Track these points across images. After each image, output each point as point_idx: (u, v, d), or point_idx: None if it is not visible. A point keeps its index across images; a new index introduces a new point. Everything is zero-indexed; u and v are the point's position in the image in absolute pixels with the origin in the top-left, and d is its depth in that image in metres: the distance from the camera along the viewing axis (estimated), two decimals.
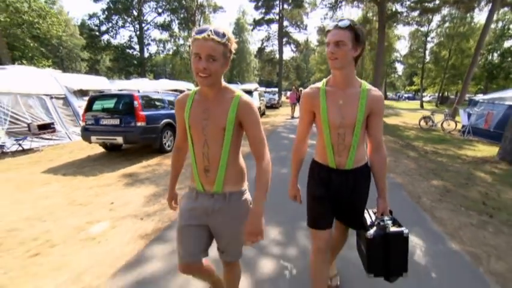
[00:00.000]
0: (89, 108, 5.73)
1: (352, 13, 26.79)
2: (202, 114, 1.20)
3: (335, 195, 1.46)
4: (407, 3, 14.76)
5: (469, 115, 11.19)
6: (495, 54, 30.23)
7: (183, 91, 2.44)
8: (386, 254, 1.37)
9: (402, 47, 38.50)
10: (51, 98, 7.46)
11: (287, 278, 2.04)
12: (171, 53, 29.58)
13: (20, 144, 6.08)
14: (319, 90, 1.40)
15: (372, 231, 1.37)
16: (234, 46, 1.14)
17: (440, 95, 38.42)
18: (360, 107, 1.33)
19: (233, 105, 1.18)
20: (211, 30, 1.05)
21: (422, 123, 12.62)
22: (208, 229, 1.31)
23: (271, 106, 21.70)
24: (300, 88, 16.95)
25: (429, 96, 48.67)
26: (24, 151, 6.22)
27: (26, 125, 6.43)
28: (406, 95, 55.71)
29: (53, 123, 6.88)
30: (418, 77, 40.20)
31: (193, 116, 1.21)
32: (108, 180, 4.38)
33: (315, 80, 49.04)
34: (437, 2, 14.89)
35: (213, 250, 1.38)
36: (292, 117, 14.13)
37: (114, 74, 29.18)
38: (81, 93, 8.50)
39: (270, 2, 33.21)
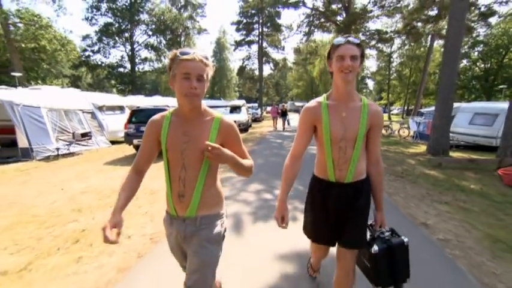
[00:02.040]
0: (130, 119, 7.53)
1: (324, 37, 30.19)
2: (182, 137, 1.16)
3: (335, 209, 1.43)
4: (367, 33, 17.95)
5: (418, 124, 14.03)
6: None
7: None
8: (392, 265, 1.37)
9: (372, 64, 42.65)
10: (83, 112, 9.08)
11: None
12: (159, 70, 31.19)
13: (68, 148, 7.67)
14: (320, 104, 1.39)
15: (375, 246, 1.35)
16: (212, 68, 1.17)
17: (406, 108, 42.85)
18: (361, 121, 1.34)
19: (214, 127, 1.18)
20: (195, 52, 1.09)
21: (383, 131, 15.36)
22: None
23: (255, 120, 23.92)
24: (282, 104, 19.15)
25: (397, 109, 53.42)
26: (70, 154, 7.79)
27: (70, 134, 8.03)
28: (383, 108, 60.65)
29: (90, 132, 8.51)
30: (386, 92, 44.70)
31: (172, 139, 1.17)
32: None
33: (293, 95, 52.45)
34: (391, 34, 18.18)
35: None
36: (275, 129, 15.78)
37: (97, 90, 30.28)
38: (104, 108, 10.19)
39: (250, 26, 36.31)
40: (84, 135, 8.16)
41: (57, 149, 7.35)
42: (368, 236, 1.45)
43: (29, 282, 2.10)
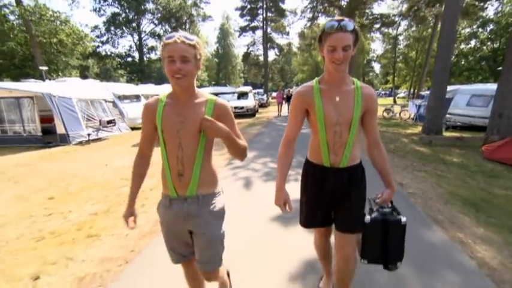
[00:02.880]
0: None
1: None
2: (177, 117, 1.20)
3: (330, 195, 1.42)
4: (371, 17, 18.18)
5: (418, 106, 14.57)
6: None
7: None
8: (385, 241, 1.35)
9: (378, 47, 42.22)
10: (106, 101, 10.01)
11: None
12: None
13: (97, 134, 8.66)
14: (313, 88, 1.36)
15: (368, 216, 1.35)
16: (202, 50, 1.19)
17: (412, 91, 42.73)
18: (356, 104, 1.32)
19: (209, 107, 1.23)
20: (180, 35, 1.11)
21: (385, 114, 15.94)
22: (190, 233, 1.32)
23: (261, 105, 24.60)
24: (288, 89, 19.59)
25: (403, 93, 53.02)
26: (98, 139, 8.79)
27: (96, 121, 9.00)
28: (383, 92, 60.22)
29: (114, 119, 9.46)
30: (392, 76, 44.51)
31: (167, 120, 1.20)
32: None
33: (298, 80, 52.54)
34: (395, 17, 18.36)
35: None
36: (279, 115, 15.94)
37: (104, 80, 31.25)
38: (123, 97, 11.10)
39: (254, 11, 36.20)
40: (109, 122, 9.12)
41: (88, 134, 8.34)
42: (367, 209, 1.44)
43: (114, 218, 3.07)
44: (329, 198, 1.43)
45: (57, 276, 2.09)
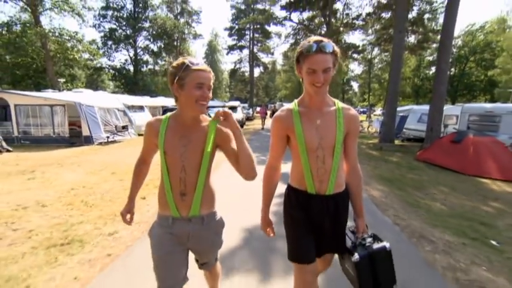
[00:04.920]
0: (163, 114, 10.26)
1: None
2: (180, 140, 1.21)
3: (315, 223, 1.33)
4: (344, 46, 21.19)
5: (382, 122, 17.23)
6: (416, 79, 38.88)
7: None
8: (374, 272, 1.32)
9: (356, 67, 46.04)
10: (118, 110, 11.70)
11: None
12: (155, 72, 33.42)
13: (113, 137, 10.32)
14: (292, 112, 1.30)
15: (356, 254, 1.30)
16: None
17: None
18: (338, 126, 1.26)
19: (211, 130, 1.24)
20: (204, 63, 1.17)
21: None
22: (187, 251, 1.33)
23: (248, 118, 26.79)
24: (273, 105, 21.87)
25: (380, 110, 57.11)
26: (113, 141, 10.43)
27: (112, 126, 10.66)
28: (361, 110, 64.54)
29: (127, 125, 11.14)
30: (367, 95, 48.53)
31: (170, 143, 1.21)
32: None
33: (281, 96, 55.64)
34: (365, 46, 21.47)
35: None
36: (263, 129, 17.06)
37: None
38: (135, 108, 12.84)
39: (242, 31, 39.22)
40: (123, 127, 10.81)
41: (107, 137, 9.99)
42: (350, 244, 1.38)
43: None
44: (314, 226, 1.34)
45: (151, 199, 3.91)
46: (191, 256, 1.37)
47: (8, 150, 6.19)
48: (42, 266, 2.20)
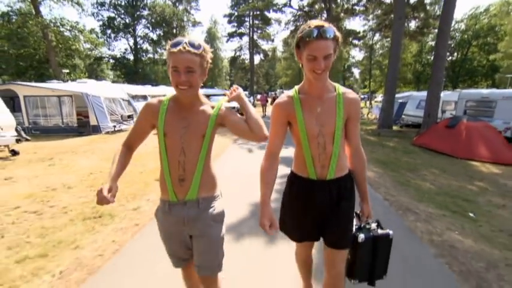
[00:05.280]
0: None
1: None
2: (180, 121, 1.19)
3: (319, 209, 1.33)
4: (345, 32, 21.09)
5: (381, 109, 17.48)
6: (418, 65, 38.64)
7: None
8: (373, 257, 1.35)
9: (357, 53, 45.66)
10: (123, 100, 11.99)
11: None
12: (154, 60, 33.28)
13: (120, 126, 10.67)
14: (292, 99, 1.28)
15: (361, 235, 1.31)
16: (209, 55, 1.16)
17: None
18: (338, 113, 1.25)
19: (213, 112, 1.23)
20: (186, 42, 1.06)
21: None
22: (191, 236, 1.30)
23: None
24: (274, 92, 22.07)
25: (380, 97, 56.91)
26: (119, 130, 10.79)
27: (117, 116, 10.98)
28: (362, 96, 64.37)
29: (132, 114, 11.47)
30: (368, 81, 48.28)
31: (170, 124, 1.19)
32: None
33: (282, 83, 55.46)
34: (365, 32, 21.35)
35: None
36: (264, 115, 17.22)
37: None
38: (138, 97, 13.11)
39: (241, 18, 38.69)
40: (129, 116, 11.14)
41: (114, 126, 10.34)
42: (354, 226, 1.38)
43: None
44: (317, 212, 1.33)
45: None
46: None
47: (26, 140, 6.56)
48: (83, 233, 2.62)
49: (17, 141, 6.03)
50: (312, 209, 1.33)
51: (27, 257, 2.21)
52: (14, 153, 6.06)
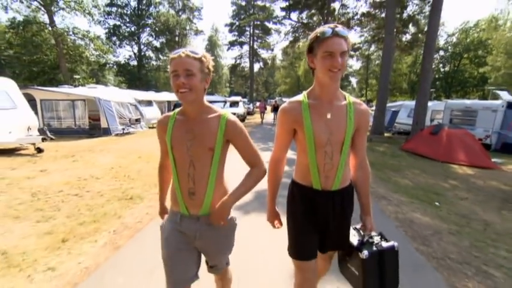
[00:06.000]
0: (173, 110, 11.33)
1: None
2: (186, 134, 1.19)
3: (321, 220, 1.30)
4: None
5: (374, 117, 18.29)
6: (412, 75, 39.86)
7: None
8: (381, 271, 1.30)
9: (354, 63, 46.91)
10: (131, 104, 12.71)
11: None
12: (156, 68, 34.22)
13: (128, 129, 11.37)
14: (300, 104, 1.24)
15: (365, 251, 1.26)
16: (211, 63, 1.18)
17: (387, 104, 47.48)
18: (348, 122, 1.21)
19: (221, 126, 1.20)
20: (185, 50, 1.11)
21: None
22: (197, 251, 1.29)
23: (248, 113, 27.83)
24: (275, 100, 22.66)
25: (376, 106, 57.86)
26: (127, 133, 11.48)
27: (125, 119, 11.69)
28: None
29: (140, 118, 12.17)
30: (365, 90, 49.47)
31: (176, 137, 1.20)
32: None
33: (281, 91, 56.57)
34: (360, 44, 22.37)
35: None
36: (262, 123, 17.66)
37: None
38: (144, 102, 13.84)
39: (242, 28, 39.92)
40: (136, 120, 11.85)
41: (123, 129, 11.04)
42: (356, 241, 1.34)
43: None
44: (320, 223, 1.30)
45: None
46: (203, 257, 1.34)
47: (51, 139, 7.23)
48: (121, 208, 3.30)
49: (43, 140, 6.70)
50: (315, 217, 1.30)
51: (85, 222, 2.89)
52: (39, 150, 6.73)
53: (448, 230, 3.01)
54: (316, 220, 1.30)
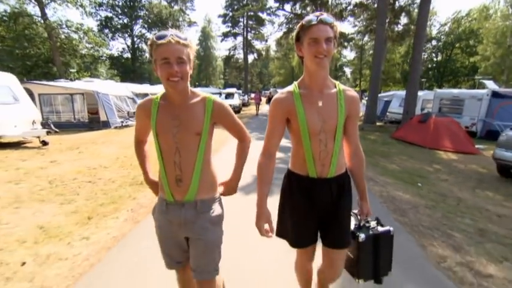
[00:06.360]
0: None
1: None
2: (172, 121, 1.15)
3: (319, 208, 1.31)
4: None
5: (367, 106, 18.73)
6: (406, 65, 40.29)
7: None
8: (376, 255, 1.35)
9: (348, 53, 47.03)
10: (128, 97, 12.88)
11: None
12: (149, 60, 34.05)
13: (127, 122, 11.59)
14: (292, 94, 1.25)
15: (362, 234, 1.31)
16: (195, 48, 1.15)
17: (380, 93, 47.91)
18: (339, 109, 1.24)
19: (207, 109, 1.18)
20: (172, 34, 1.04)
21: None
22: (187, 238, 1.26)
23: (243, 104, 28.02)
24: (269, 91, 22.76)
25: None
26: (126, 126, 11.70)
27: (124, 112, 11.89)
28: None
29: None
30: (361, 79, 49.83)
31: (161, 123, 1.16)
32: None
33: (275, 82, 56.63)
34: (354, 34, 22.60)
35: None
36: (257, 115, 17.65)
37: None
38: (140, 95, 14.01)
39: (236, 19, 39.58)
40: (134, 113, 12.06)
41: (122, 122, 11.25)
42: (353, 225, 1.39)
43: None
44: (318, 209, 1.31)
45: None
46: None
47: (55, 132, 7.46)
48: (134, 192, 3.65)
49: (47, 133, 6.94)
50: (313, 207, 1.31)
51: (104, 203, 3.23)
52: (45, 143, 6.97)
53: (425, 205, 3.44)
54: (314, 209, 1.31)
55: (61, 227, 2.59)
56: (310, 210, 1.31)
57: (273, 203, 1.37)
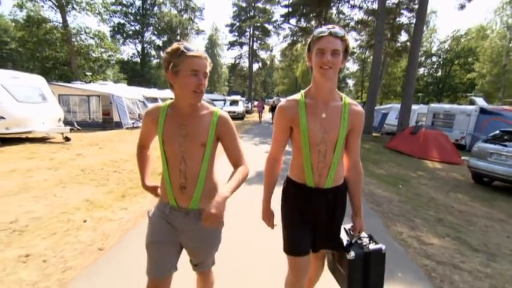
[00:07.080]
0: None
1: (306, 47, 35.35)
2: (179, 129, 1.18)
3: (314, 216, 1.35)
4: None
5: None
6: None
7: None
8: (366, 273, 1.34)
9: (351, 65, 48.05)
10: (139, 101, 13.68)
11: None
12: (158, 66, 35.06)
13: (138, 124, 12.35)
14: (297, 102, 1.28)
15: (352, 252, 1.31)
16: (210, 66, 1.20)
17: (380, 106, 48.84)
18: (342, 121, 1.25)
19: (213, 121, 1.21)
20: (198, 49, 1.11)
21: None
22: (180, 245, 1.29)
23: (247, 111, 28.83)
24: (273, 100, 23.49)
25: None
26: (137, 127, 12.44)
27: (135, 114, 12.66)
28: None
29: None
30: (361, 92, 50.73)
31: (168, 132, 1.19)
32: None
33: (278, 91, 57.63)
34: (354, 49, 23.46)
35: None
36: (260, 122, 18.26)
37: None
38: (150, 99, 14.83)
39: (242, 29, 40.88)
40: None
41: (133, 123, 12.02)
42: (345, 241, 1.39)
43: None
44: (312, 219, 1.35)
45: None
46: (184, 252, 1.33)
47: (78, 129, 8.20)
48: (156, 180, 4.31)
49: (70, 130, 7.68)
50: (308, 216, 1.34)
51: (132, 187, 3.91)
52: (67, 139, 7.70)
53: (399, 200, 4.10)
54: (308, 217, 1.34)
55: (102, 201, 3.27)
56: (305, 217, 1.35)
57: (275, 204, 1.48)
